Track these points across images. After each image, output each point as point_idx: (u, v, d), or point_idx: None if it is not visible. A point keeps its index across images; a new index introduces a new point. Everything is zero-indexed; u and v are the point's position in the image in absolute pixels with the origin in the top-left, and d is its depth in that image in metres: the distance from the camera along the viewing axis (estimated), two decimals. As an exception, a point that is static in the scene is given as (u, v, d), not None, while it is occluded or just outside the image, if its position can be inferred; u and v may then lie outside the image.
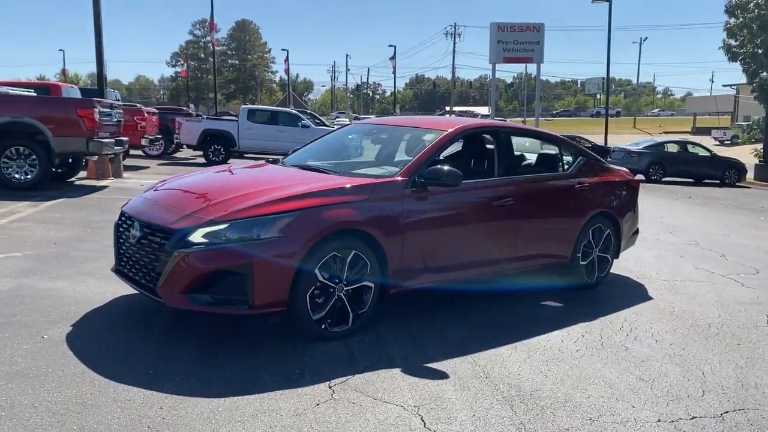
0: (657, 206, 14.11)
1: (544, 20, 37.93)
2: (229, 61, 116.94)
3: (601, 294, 6.03)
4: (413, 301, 5.27)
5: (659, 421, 3.44)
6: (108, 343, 4.04)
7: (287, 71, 60.51)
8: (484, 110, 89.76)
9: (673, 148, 23.65)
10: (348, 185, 4.52)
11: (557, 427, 3.29)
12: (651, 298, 5.93)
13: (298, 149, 5.92)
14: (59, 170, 12.12)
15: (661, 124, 70.31)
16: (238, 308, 3.98)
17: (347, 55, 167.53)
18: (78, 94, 15.82)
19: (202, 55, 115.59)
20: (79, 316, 4.47)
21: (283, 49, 64.25)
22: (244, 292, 3.94)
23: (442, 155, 5.20)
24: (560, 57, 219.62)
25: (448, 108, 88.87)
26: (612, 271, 6.83)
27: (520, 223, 5.35)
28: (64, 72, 66.85)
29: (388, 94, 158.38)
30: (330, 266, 4.21)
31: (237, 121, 19.58)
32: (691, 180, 22.93)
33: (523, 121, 61.06)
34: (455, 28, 74.81)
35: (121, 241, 4.52)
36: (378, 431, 3.12)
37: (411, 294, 5.07)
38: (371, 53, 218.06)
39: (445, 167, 4.75)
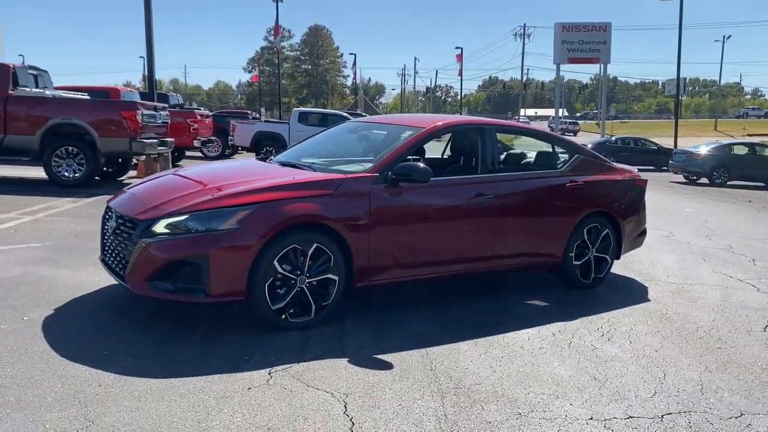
0: (708, 210, 13.56)
1: (622, 19, 36.92)
2: (302, 66, 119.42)
3: (597, 294, 5.90)
4: (388, 295, 5.34)
5: (591, 419, 3.38)
6: (79, 326, 4.30)
7: (355, 76, 61.04)
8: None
9: (740, 151, 22.51)
10: (314, 180, 4.64)
11: (480, 420, 3.30)
12: (648, 301, 5.76)
13: (290, 147, 6.09)
14: (109, 169, 12.79)
15: (745, 126, 66.77)
16: (196, 296, 4.16)
17: (415, 59, 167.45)
18: (137, 98, 16.68)
19: (276, 61, 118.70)
20: (66, 301, 4.77)
21: (351, 54, 65.09)
22: (202, 281, 4.12)
23: (433, 153, 5.24)
24: (641, 57, 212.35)
25: (522, 111, 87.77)
26: (619, 272, 6.70)
27: (501, 221, 5.32)
28: (144, 78, 69.83)
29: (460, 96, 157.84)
30: (290, 258, 4.33)
31: (288, 123, 20.06)
32: (761, 184, 21.72)
33: (597, 124, 59.35)
34: (524, 29, 73.76)
35: (104, 231, 4.81)
36: (295, 415, 3.22)
37: (387, 288, 5.16)
38: (440, 55, 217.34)
39: (416, 164, 4.80)
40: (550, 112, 73.94)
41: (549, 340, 4.59)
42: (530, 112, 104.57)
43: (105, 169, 12.54)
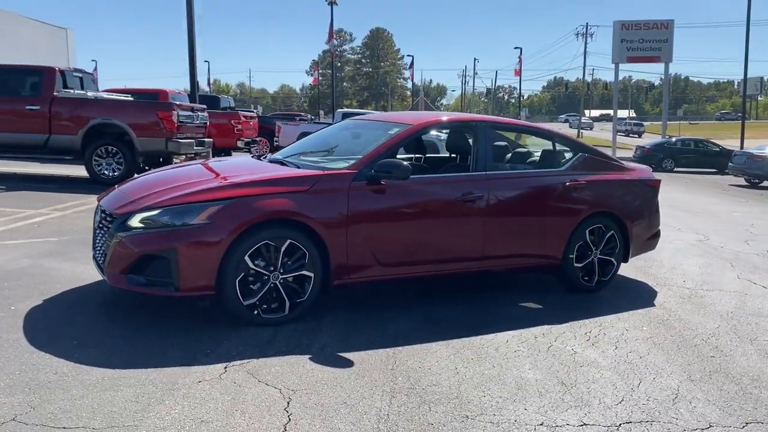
0: (758, 214, 12.88)
1: (693, 17, 35.63)
2: (363, 68, 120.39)
3: (599, 298, 5.68)
4: (374, 293, 5.33)
5: (541, 425, 3.26)
6: (60, 316, 4.44)
7: (412, 77, 61.07)
8: (623, 113, 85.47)
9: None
10: (290, 176, 4.65)
11: (422, 421, 3.22)
12: (652, 306, 5.51)
13: (290, 145, 6.12)
14: (148, 169, 13.19)
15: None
16: (167, 290, 4.23)
17: (475, 59, 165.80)
18: (186, 100, 17.22)
19: (338, 64, 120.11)
20: (58, 292, 4.94)
21: (408, 55, 65.02)
22: (171, 276, 4.18)
23: (429, 151, 5.17)
24: (715, 55, 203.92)
25: (587, 112, 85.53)
26: (631, 276, 6.46)
27: (493, 220, 5.19)
28: (208, 82, 71.95)
29: (525, 97, 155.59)
30: (263, 254, 4.35)
31: (332, 124, 20.23)
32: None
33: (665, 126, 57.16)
34: (587, 28, 71.96)
35: (94, 227, 4.94)
36: (234, 409, 3.22)
37: (375, 286, 5.12)
38: (500, 56, 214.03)
39: (396, 160, 4.74)
40: (621, 113, 71.79)
41: (529, 343, 4.44)
42: (595, 113, 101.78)
43: (146, 168, 12.93)
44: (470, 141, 5.34)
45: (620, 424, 3.31)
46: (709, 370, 4.11)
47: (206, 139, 13.19)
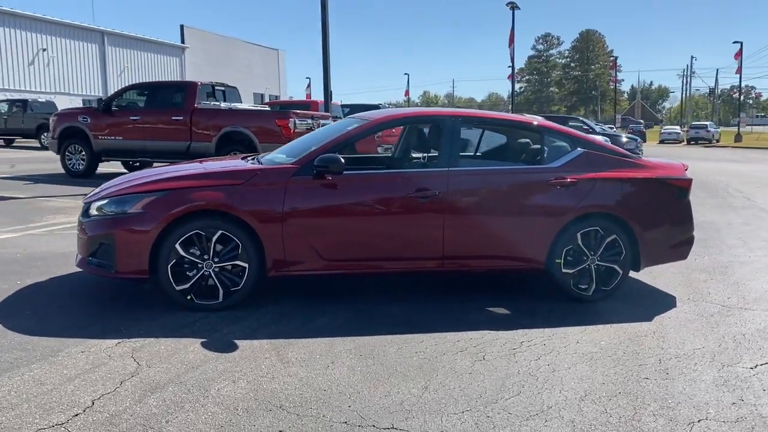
0: None
1: None
2: (572, 73, 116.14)
3: (589, 308, 5.09)
4: (333, 288, 5.36)
5: (352, 424, 3.13)
6: (48, 292, 5.11)
7: (614, 80, 57.77)
8: None
9: None
10: (228, 170, 4.90)
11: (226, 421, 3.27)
12: (646, 321, 4.83)
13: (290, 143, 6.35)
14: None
15: None
16: (108, 272, 4.70)
17: (692, 57, 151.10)
18: (339, 111, 18.41)
19: (544, 69, 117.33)
20: (67, 273, 5.67)
21: (613, 57, 61.56)
22: (111, 259, 4.65)
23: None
24: None
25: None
26: (665, 285, 5.75)
27: (454, 219, 4.94)
28: (407, 93, 74.64)
29: (764, 97, 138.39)
30: (194, 243, 4.64)
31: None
32: None
33: None
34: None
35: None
36: (79, 377, 3.53)
37: (351, 278, 5.13)
38: (721, 53, 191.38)
39: (333, 155, 4.76)
40: None
41: (452, 346, 4.18)
42: None
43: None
44: (434, 136, 5.14)
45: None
46: (608, 393, 3.56)
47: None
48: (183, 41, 42.57)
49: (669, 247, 5.41)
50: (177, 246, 4.60)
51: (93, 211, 4.80)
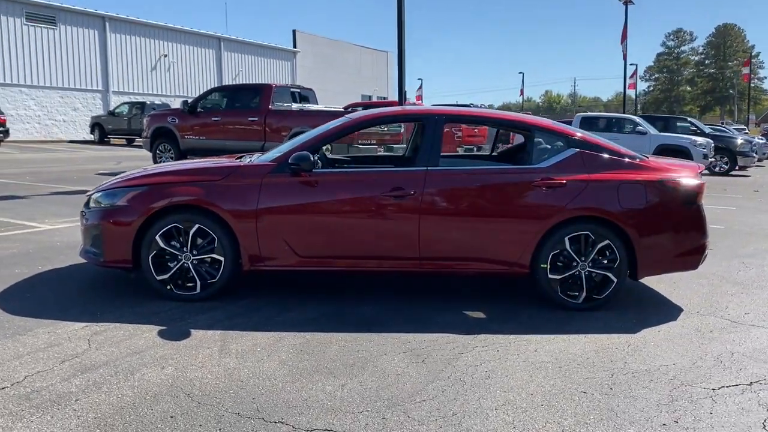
0: None
1: None
2: (706, 70, 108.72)
3: (578, 317, 4.79)
4: (313, 284, 5.41)
5: (246, 417, 3.19)
6: (58, 278, 5.55)
7: (747, 78, 53.48)
8: None
9: None
10: (207, 167, 5.08)
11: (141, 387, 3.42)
12: (631, 333, 4.50)
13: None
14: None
15: None
16: (97, 260, 5.03)
17: None
18: (422, 106, 18.43)
19: (675, 67, 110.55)
20: (85, 261, 6.10)
21: (750, 52, 56.80)
22: (100, 248, 4.97)
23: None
24: None
25: None
26: (674, 294, 5.32)
27: (430, 219, 4.84)
28: (521, 92, 72.85)
29: None
30: (173, 236, 4.87)
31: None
32: None
33: None
34: None
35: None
36: (27, 355, 3.82)
37: (336, 275, 5.18)
38: None
39: (305, 153, 4.82)
40: None
41: (398, 347, 4.11)
42: None
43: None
44: (420, 135, 5.05)
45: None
46: (535, 404, 3.37)
47: (395, 145, 13.93)
48: (295, 45, 44.16)
49: (674, 255, 4.99)
50: (157, 238, 4.84)
51: (92, 203, 5.16)
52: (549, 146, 5.09)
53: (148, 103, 28.66)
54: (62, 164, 18.05)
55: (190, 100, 14.70)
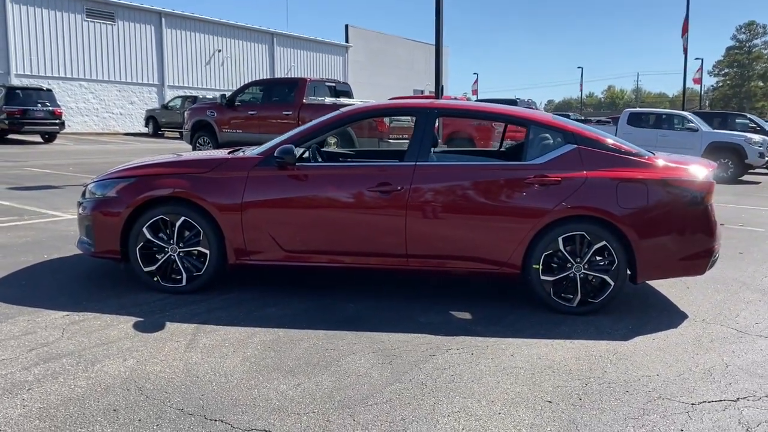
0: None
1: None
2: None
3: (570, 322, 4.56)
4: (304, 278, 5.33)
5: (191, 414, 3.15)
6: (59, 266, 5.64)
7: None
8: None
9: None
10: (194, 159, 5.06)
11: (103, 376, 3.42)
12: (621, 340, 4.26)
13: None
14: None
15: None
16: (90, 251, 5.08)
17: None
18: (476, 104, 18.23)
19: (746, 61, 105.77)
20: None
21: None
22: (91, 238, 5.03)
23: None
24: None
25: None
26: (681, 299, 5.03)
27: (417, 215, 4.68)
28: (581, 88, 71.13)
29: None
30: (159, 227, 4.87)
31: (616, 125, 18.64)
32: None
33: None
34: None
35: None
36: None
37: (325, 271, 5.09)
38: None
39: (289, 146, 4.75)
40: None
41: (369, 347, 4.00)
42: None
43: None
44: (411, 129, 4.90)
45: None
46: (491, 412, 3.19)
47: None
48: (347, 40, 44.29)
49: (678, 259, 4.69)
50: (144, 230, 4.85)
51: (87, 194, 5.22)
52: (546, 142, 4.86)
53: (200, 97, 29.25)
54: (109, 156, 18.60)
55: (228, 94, 14.87)
